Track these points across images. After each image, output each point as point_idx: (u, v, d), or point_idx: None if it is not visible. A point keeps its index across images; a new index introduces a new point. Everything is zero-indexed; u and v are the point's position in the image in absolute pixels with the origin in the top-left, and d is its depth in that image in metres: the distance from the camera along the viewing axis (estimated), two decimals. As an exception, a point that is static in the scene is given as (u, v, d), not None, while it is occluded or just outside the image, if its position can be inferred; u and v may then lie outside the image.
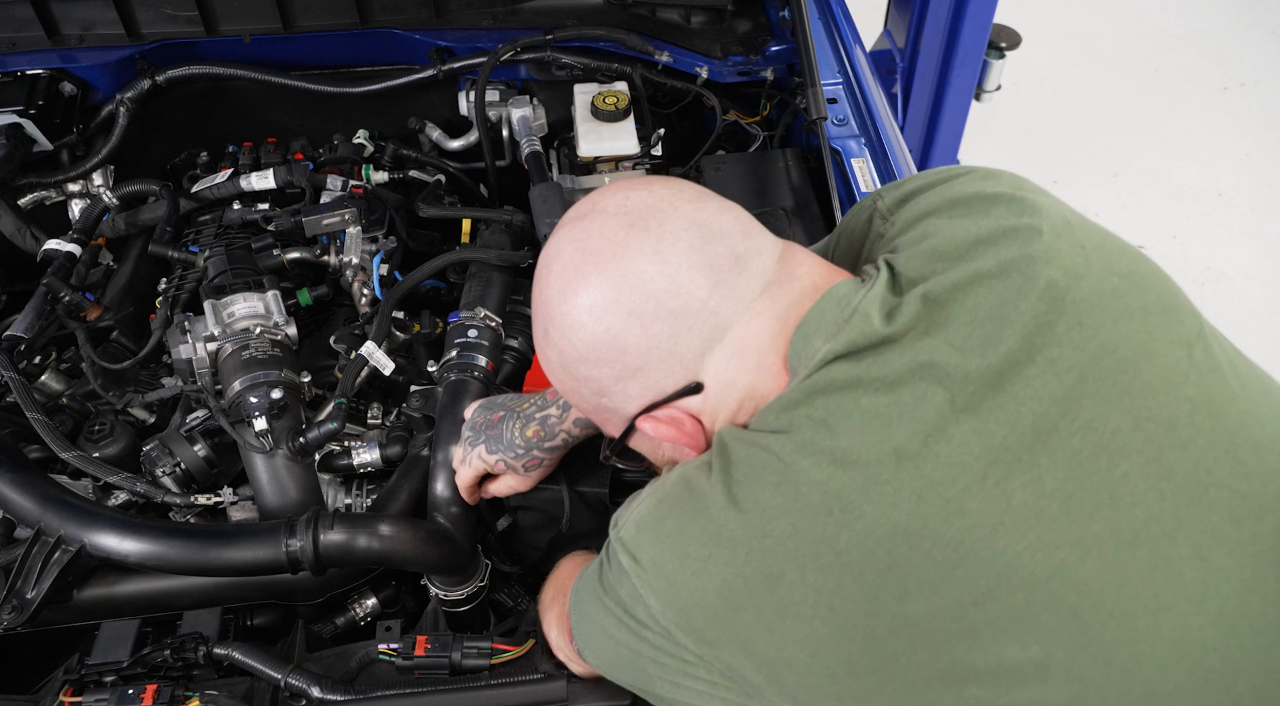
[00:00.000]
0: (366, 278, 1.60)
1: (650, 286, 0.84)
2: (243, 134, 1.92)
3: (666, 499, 0.87)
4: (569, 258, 0.88)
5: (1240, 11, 4.17)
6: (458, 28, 1.91)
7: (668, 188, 0.90)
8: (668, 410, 0.89)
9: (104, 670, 1.19)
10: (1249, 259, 3.27)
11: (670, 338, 0.85)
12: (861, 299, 0.84)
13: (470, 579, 1.33)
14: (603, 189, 0.92)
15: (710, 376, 0.87)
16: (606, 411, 0.93)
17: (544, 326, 0.91)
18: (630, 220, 0.86)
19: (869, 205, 1.01)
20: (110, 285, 1.68)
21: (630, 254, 0.85)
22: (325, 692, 1.16)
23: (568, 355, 0.89)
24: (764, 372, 0.87)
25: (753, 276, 0.86)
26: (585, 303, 0.86)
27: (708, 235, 0.86)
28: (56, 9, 1.81)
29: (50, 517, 1.24)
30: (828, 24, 1.90)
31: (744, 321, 0.86)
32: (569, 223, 0.91)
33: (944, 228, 0.88)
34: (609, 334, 0.86)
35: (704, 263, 0.85)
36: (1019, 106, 3.63)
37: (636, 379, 0.88)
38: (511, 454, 1.22)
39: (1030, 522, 0.75)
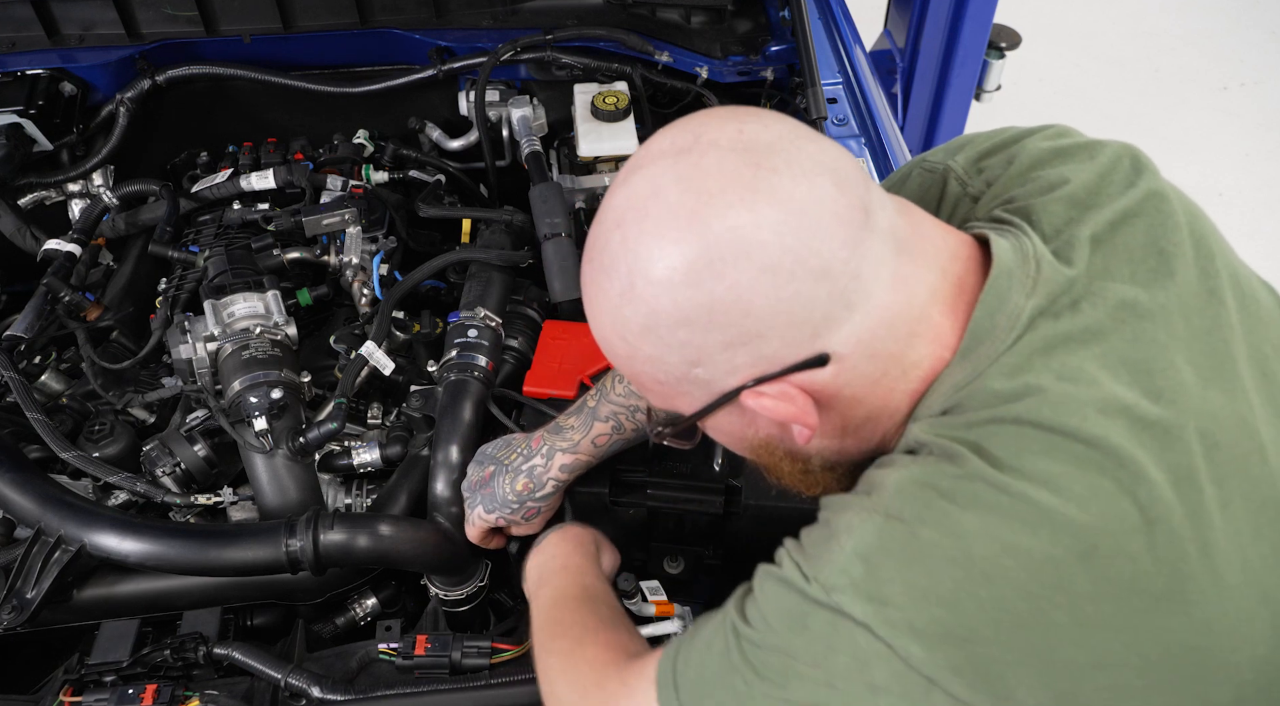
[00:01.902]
0: (366, 278, 1.60)
1: (788, 240, 0.71)
2: (243, 134, 1.92)
3: (901, 512, 0.74)
4: (676, 198, 0.73)
5: (1240, 11, 4.17)
6: (458, 28, 1.91)
7: (782, 122, 0.77)
8: (779, 384, 0.77)
9: (104, 670, 1.19)
10: (1249, 259, 3.22)
11: (806, 302, 0.73)
12: (1035, 249, 0.80)
13: (470, 579, 1.33)
14: (698, 117, 0.79)
15: (845, 346, 0.76)
16: (688, 383, 0.79)
17: (627, 280, 0.75)
18: (755, 158, 0.73)
19: (934, 169, 0.96)
20: (110, 285, 1.68)
21: (762, 200, 0.72)
22: (325, 692, 1.16)
23: (663, 316, 0.74)
24: (919, 339, 0.78)
25: (883, 234, 0.76)
26: (701, 254, 0.72)
27: (840, 181, 0.74)
28: (56, 9, 1.81)
29: (50, 517, 1.24)
30: (828, 24, 1.90)
31: (888, 287, 0.76)
32: (664, 156, 0.76)
33: (1068, 175, 0.86)
34: (731, 292, 0.72)
35: (841, 216, 0.73)
36: (1019, 106, 3.61)
37: (750, 347, 0.75)
38: (508, 510, 1.21)
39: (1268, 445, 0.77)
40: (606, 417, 1.18)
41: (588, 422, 1.19)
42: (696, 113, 0.80)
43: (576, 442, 1.19)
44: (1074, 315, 0.77)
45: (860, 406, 0.81)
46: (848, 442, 0.86)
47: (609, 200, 0.79)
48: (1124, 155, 0.90)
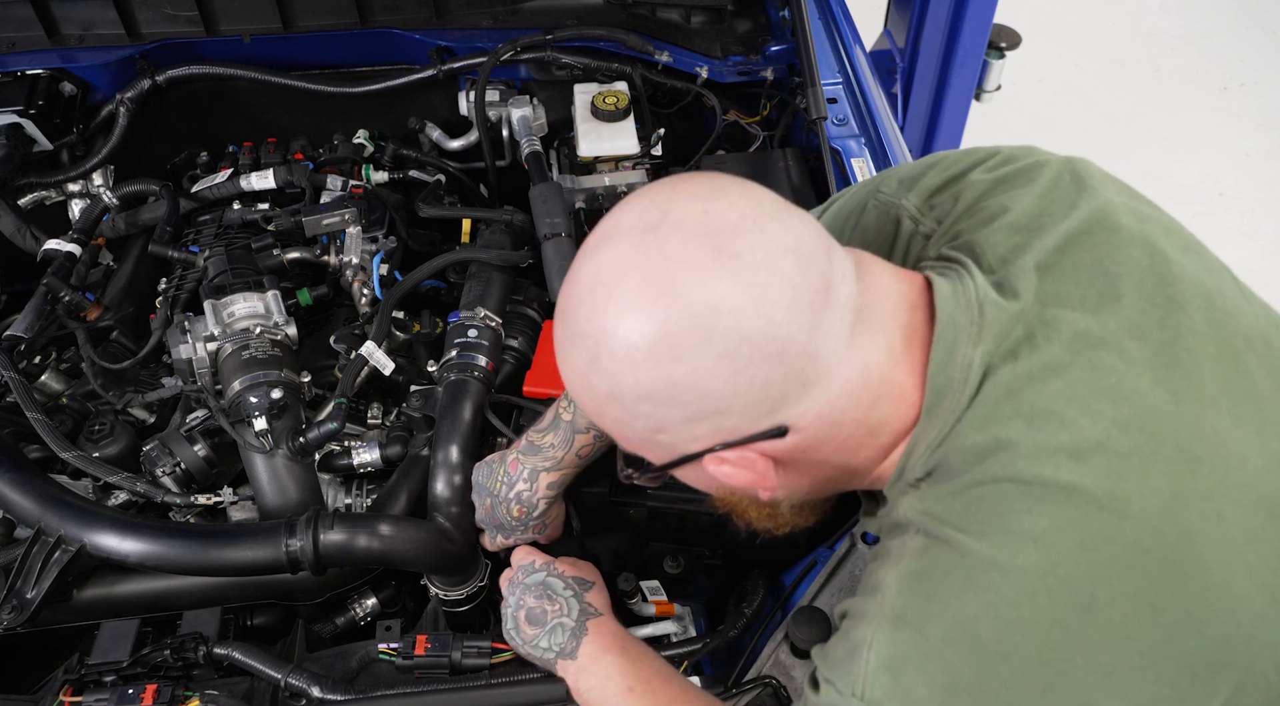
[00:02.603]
0: (366, 278, 1.60)
1: (745, 328, 0.73)
2: (243, 134, 1.92)
3: (905, 613, 0.76)
4: (639, 279, 0.74)
5: (1240, 11, 4.17)
6: (458, 28, 1.91)
7: (747, 199, 0.78)
8: (739, 451, 0.80)
9: (104, 670, 1.19)
10: (1249, 259, 3.27)
11: (762, 384, 0.75)
12: (976, 290, 0.81)
13: (470, 578, 1.33)
14: (667, 189, 0.80)
15: (804, 419, 0.79)
16: (653, 445, 0.83)
17: (593, 353, 0.77)
18: (717, 242, 0.74)
19: (888, 206, 0.97)
20: (110, 285, 1.68)
21: (722, 287, 0.73)
22: (325, 692, 1.16)
23: (625, 390, 0.77)
24: (882, 401, 0.80)
25: (842, 306, 0.77)
26: (662, 337, 0.74)
27: (801, 263, 0.76)
28: (56, 9, 1.81)
29: (50, 517, 1.24)
30: (828, 24, 1.90)
31: (846, 362, 0.78)
32: (632, 232, 0.77)
33: (1008, 203, 0.87)
34: (690, 377, 0.74)
35: (801, 299, 0.75)
36: (1019, 106, 3.62)
37: (710, 421, 0.78)
38: (519, 532, 1.25)
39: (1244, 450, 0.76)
40: (587, 428, 1.18)
41: (568, 437, 1.19)
42: (669, 180, 0.82)
43: (560, 459, 1.20)
44: (1032, 352, 0.78)
45: (827, 464, 0.84)
46: (817, 488, 0.90)
47: (579, 266, 0.81)
48: (1064, 173, 0.90)
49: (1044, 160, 0.92)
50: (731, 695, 1.13)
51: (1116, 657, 0.71)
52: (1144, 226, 0.86)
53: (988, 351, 0.78)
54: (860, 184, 1.07)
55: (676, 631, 1.30)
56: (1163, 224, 0.88)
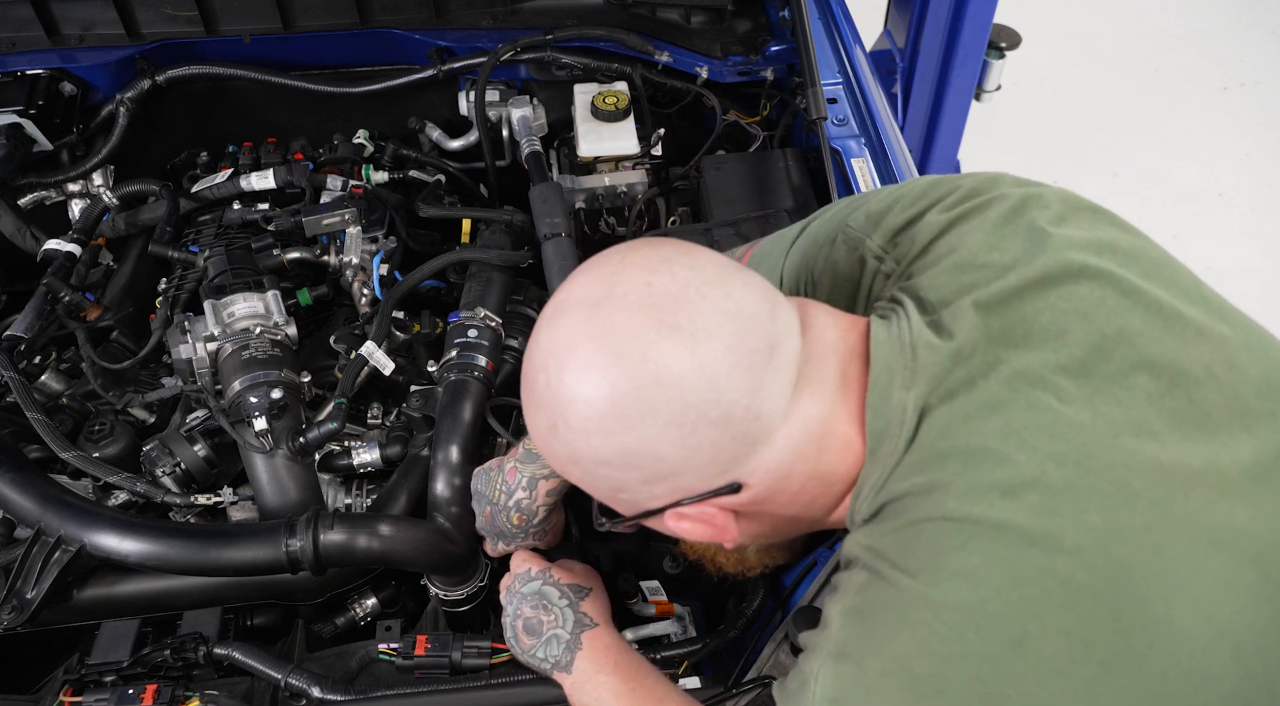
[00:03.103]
0: (366, 278, 1.60)
1: (689, 396, 0.77)
2: (243, 134, 1.92)
3: (846, 648, 0.79)
4: (587, 354, 0.79)
5: (1240, 11, 4.17)
6: (458, 28, 1.91)
7: (690, 268, 0.81)
8: (698, 507, 0.84)
9: (104, 670, 1.19)
10: (1249, 259, 3.27)
11: (711, 447, 0.79)
12: (910, 333, 0.83)
13: (470, 579, 1.33)
14: (616, 261, 0.84)
15: (754, 476, 0.82)
16: (619, 503, 0.88)
17: (551, 421, 0.82)
18: (658, 315, 0.78)
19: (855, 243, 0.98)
20: (110, 285, 1.68)
21: (664, 357, 0.77)
22: (325, 692, 1.16)
23: (582, 455, 0.82)
24: (828, 453, 0.83)
25: (786, 364, 0.80)
26: (611, 408, 0.78)
27: (741, 327, 0.79)
28: (56, 9, 1.81)
29: (50, 517, 1.24)
30: (828, 24, 1.90)
31: (790, 420, 0.81)
32: (580, 306, 0.81)
33: (957, 243, 0.89)
34: (641, 443, 0.79)
35: (742, 363, 0.78)
36: (1019, 106, 3.62)
37: (666, 482, 0.82)
38: (519, 539, 1.25)
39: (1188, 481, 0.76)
40: None
41: None
42: (619, 249, 0.85)
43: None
44: (970, 392, 0.79)
45: (785, 511, 0.87)
46: (781, 531, 0.94)
47: (536, 336, 0.85)
48: (1017, 208, 0.90)
49: (1000, 195, 0.92)
50: (731, 695, 1.13)
51: (1049, 692, 0.71)
52: (1099, 259, 0.85)
53: (922, 394, 0.80)
54: (834, 208, 1.08)
55: (676, 631, 1.30)
56: (1123, 251, 0.87)
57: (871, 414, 0.81)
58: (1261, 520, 0.75)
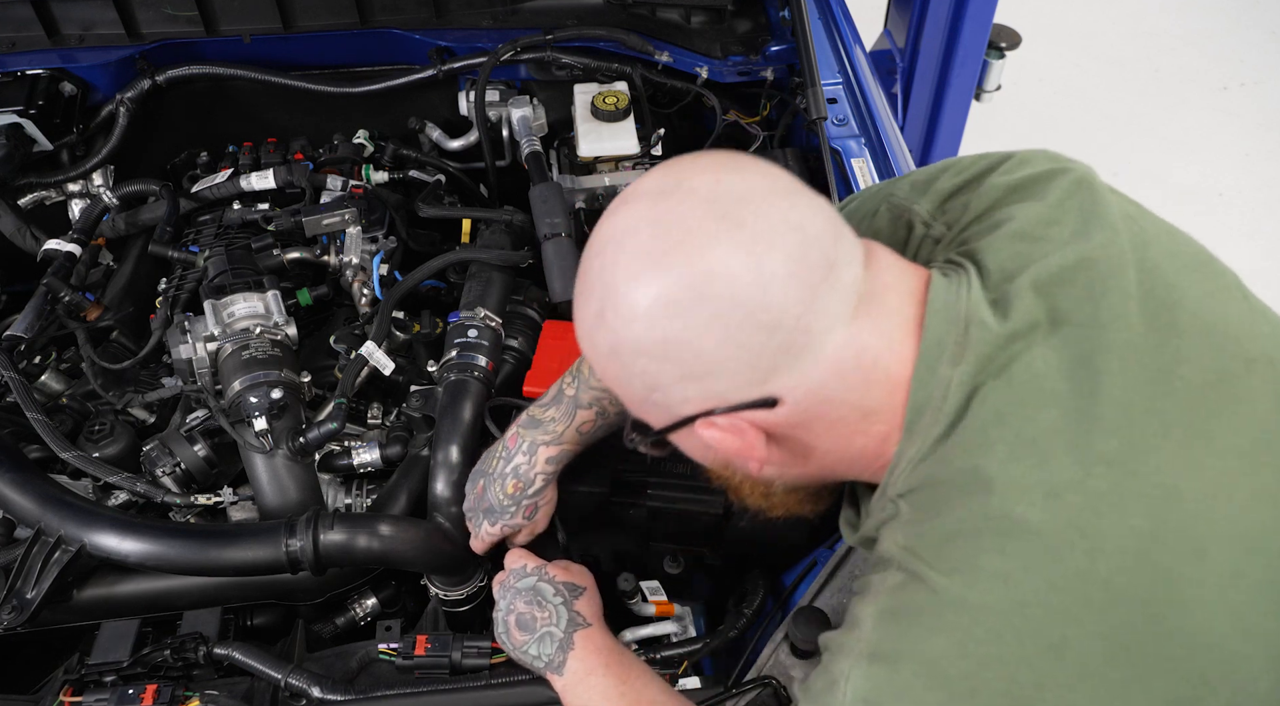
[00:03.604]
0: (366, 278, 1.60)
1: (741, 293, 0.75)
2: (243, 134, 1.92)
3: (879, 649, 0.78)
4: (645, 239, 0.78)
5: (1240, 11, 4.17)
6: (458, 28, 1.90)
7: (762, 176, 0.81)
8: (730, 418, 0.81)
9: (104, 670, 1.19)
10: (1249, 259, 3.27)
11: (753, 350, 0.77)
12: (967, 306, 0.81)
13: (470, 578, 1.33)
14: (685, 161, 0.84)
15: (793, 393, 0.80)
16: (649, 404, 0.85)
17: (599, 307, 0.81)
18: (723, 210, 0.77)
19: (900, 210, 0.97)
20: (110, 285, 1.68)
21: (722, 252, 0.76)
22: (325, 692, 1.16)
23: (624, 344, 0.80)
24: (875, 387, 0.81)
25: (845, 289, 0.79)
26: (660, 294, 0.77)
27: (804, 241, 0.77)
28: (56, 9, 1.81)
29: (50, 517, 1.24)
30: (828, 24, 1.90)
31: (841, 341, 0.79)
32: (647, 196, 0.81)
33: (1015, 212, 0.88)
34: (683, 334, 0.77)
35: (800, 273, 0.76)
36: (1019, 106, 3.62)
37: (700, 383, 0.80)
38: (507, 515, 1.21)
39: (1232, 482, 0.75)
40: (589, 404, 1.17)
41: (570, 411, 1.18)
42: (690, 155, 0.85)
43: (560, 433, 1.18)
44: (1026, 376, 0.78)
45: (818, 443, 0.85)
46: (809, 470, 0.90)
47: (598, 227, 0.84)
48: (1076, 186, 0.89)
49: (1058, 169, 0.91)
50: (731, 695, 1.13)
51: (1082, 695, 0.71)
52: (1147, 250, 0.85)
53: (969, 372, 0.79)
54: (874, 188, 1.07)
55: (676, 631, 1.30)
56: (1167, 245, 0.87)
57: (916, 384, 0.80)
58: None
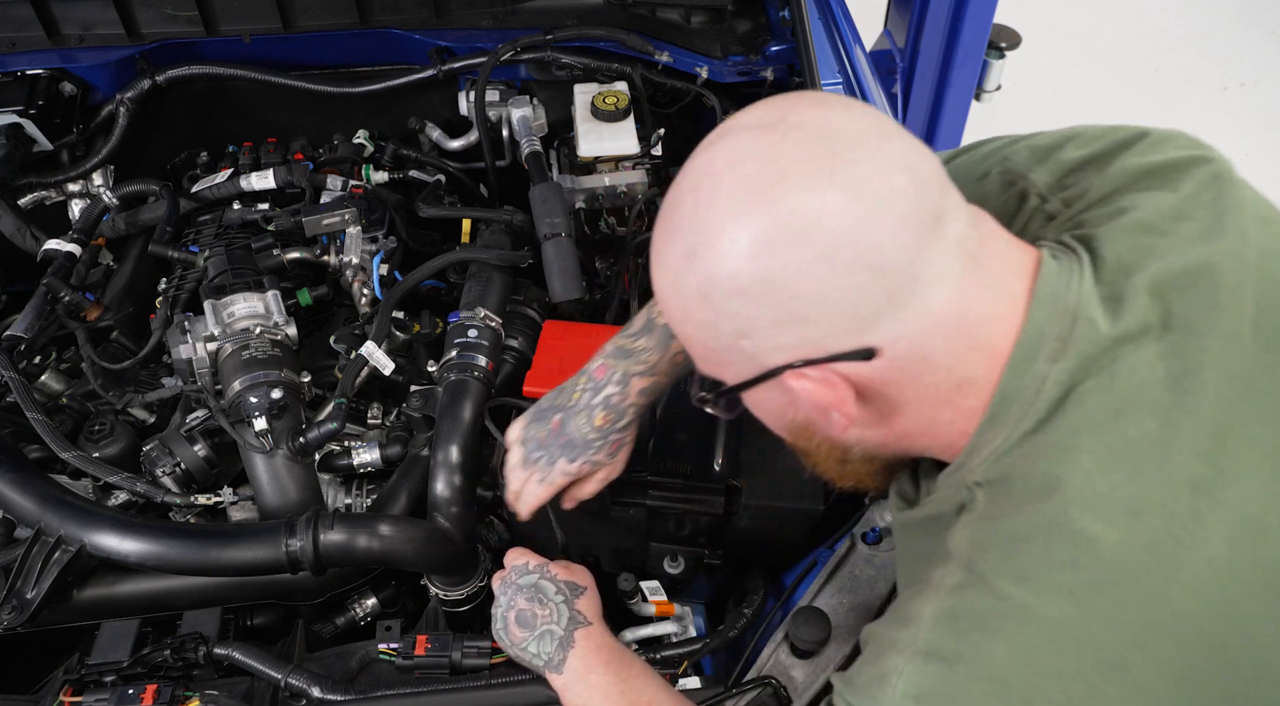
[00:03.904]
0: (366, 278, 1.60)
1: (851, 233, 0.71)
2: (243, 134, 1.92)
3: (937, 649, 0.76)
4: (750, 172, 0.73)
5: (1240, 11, 4.17)
6: (458, 28, 1.90)
7: (870, 116, 0.77)
8: (822, 369, 0.76)
9: (104, 670, 1.19)
10: (1249, 259, 3.27)
11: (857, 294, 0.72)
12: (1077, 299, 0.76)
13: (470, 578, 1.33)
14: (791, 97, 0.79)
15: (894, 346, 0.74)
16: (735, 353, 0.79)
17: (690, 245, 0.75)
18: (833, 148, 0.72)
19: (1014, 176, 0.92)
20: (110, 285, 1.69)
21: (831, 187, 0.71)
22: (325, 692, 1.16)
23: (718, 284, 0.74)
24: (976, 355, 0.77)
25: (952, 243, 0.74)
26: (764, 231, 0.72)
27: (915, 185, 0.73)
28: (56, 9, 1.81)
29: (50, 517, 1.24)
30: (828, 24, 1.89)
31: (948, 296, 0.74)
32: (750, 130, 0.76)
33: (1141, 200, 0.82)
34: (785, 272, 0.72)
35: (910, 217, 0.72)
36: (1019, 106, 3.62)
37: (795, 329, 0.74)
38: (592, 450, 1.15)
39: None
40: None
41: (663, 341, 1.11)
42: (792, 93, 0.81)
43: (654, 364, 1.12)
44: (1130, 382, 0.74)
45: (906, 407, 0.80)
46: (890, 438, 0.85)
47: (690, 163, 0.79)
48: (1211, 180, 0.83)
49: (1197, 157, 0.85)
50: (731, 695, 1.13)
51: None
52: (1273, 262, 0.79)
53: (1068, 371, 0.75)
54: (983, 144, 1.00)
55: (676, 631, 1.30)
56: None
57: (1009, 374, 0.76)
58: None
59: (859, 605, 1.19)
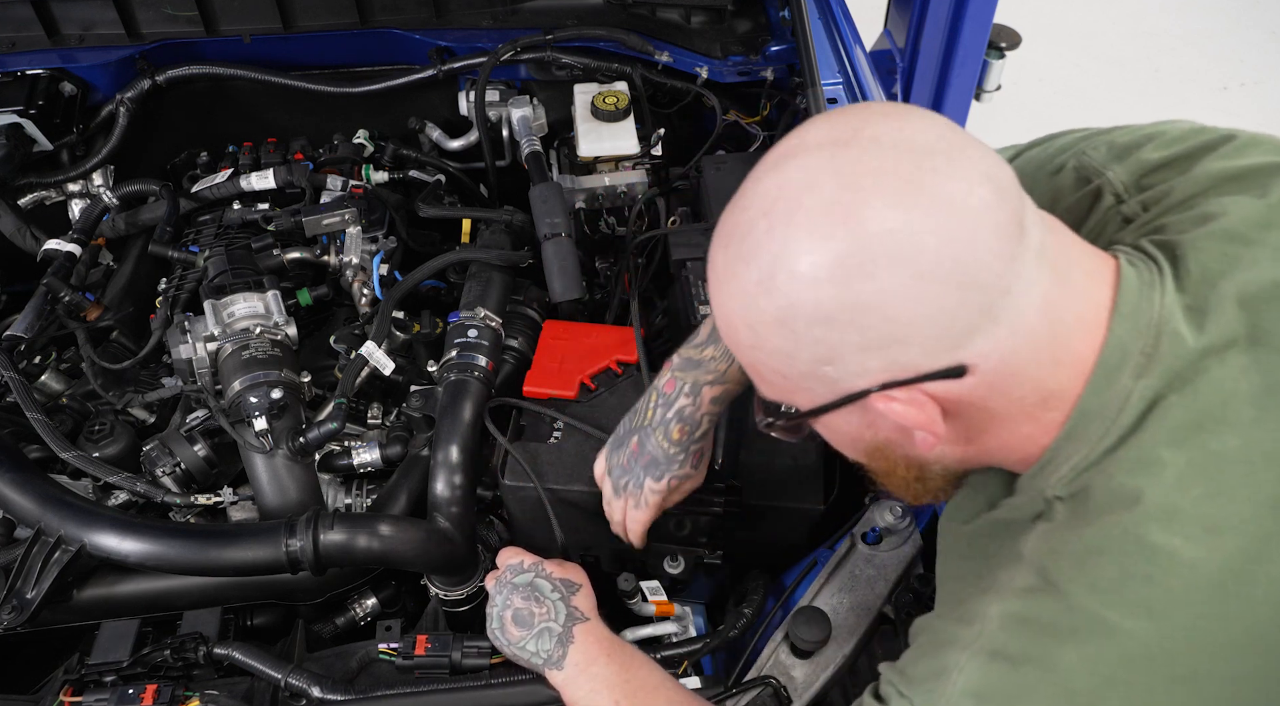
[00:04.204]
0: (366, 278, 1.60)
1: (945, 249, 0.68)
2: (243, 134, 1.92)
3: (1004, 649, 0.75)
4: (830, 193, 0.70)
5: (1240, 11, 4.17)
6: (458, 28, 1.91)
7: (941, 124, 0.74)
8: (909, 390, 0.73)
9: (104, 670, 1.19)
10: (1249, 259, 3.27)
11: (953, 312, 0.70)
12: (1160, 310, 0.74)
13: (470, 578, 1.33)
14: (856, 111, 0.76)
15: (985, 361, 0.72)
16: (813, 380, 0.76)
17: (767, 270, 0.72)
18: (915, 160, 0.70)
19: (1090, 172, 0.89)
20: (110, 285, 1.69)
21: (923, 201, 0.68)
22: (325, 692, 1.16)
23: (801, 312, 0.71)
24: (1063, 368, 0.75)
25: (1035, 251, 0.72)
26: (854, 252, 0.68)
27: (999, 193, 0.71)
28: (56, 9, 1.81)
29: (50, 517, 1.24)
30: (828, 24, 1.89)
31: (1038, 308, 0.72)
32: (821, 148, 0.72)
33: (1229, 205, 0.79)
34: (879, 296, 0.69)
35: (999, 227, 0.70)
36: (1019, 106, 3.62)
37: (887, 352, 0.72)
38: (676, 465, 1.13)
39: None
40: None
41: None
42: (853, 106, 0.79)
43: (723, 372, 1.09)
44: (1214, 396, 0.72)
45: (992, 422, 0.79)
46: (971, 452, 0.83)
47: (755, 185, 0.76)
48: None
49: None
50: (731, 695, 1.13)
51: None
52: None
53: (1153, 386, 0.73)
54: (1057, 137, 0.98)
55: (676, 631, 1.30)
56: None
57: (1090, 390, 0.74)
58: None
59: (859, 605, 1.19)
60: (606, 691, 1.06)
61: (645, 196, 1.71)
